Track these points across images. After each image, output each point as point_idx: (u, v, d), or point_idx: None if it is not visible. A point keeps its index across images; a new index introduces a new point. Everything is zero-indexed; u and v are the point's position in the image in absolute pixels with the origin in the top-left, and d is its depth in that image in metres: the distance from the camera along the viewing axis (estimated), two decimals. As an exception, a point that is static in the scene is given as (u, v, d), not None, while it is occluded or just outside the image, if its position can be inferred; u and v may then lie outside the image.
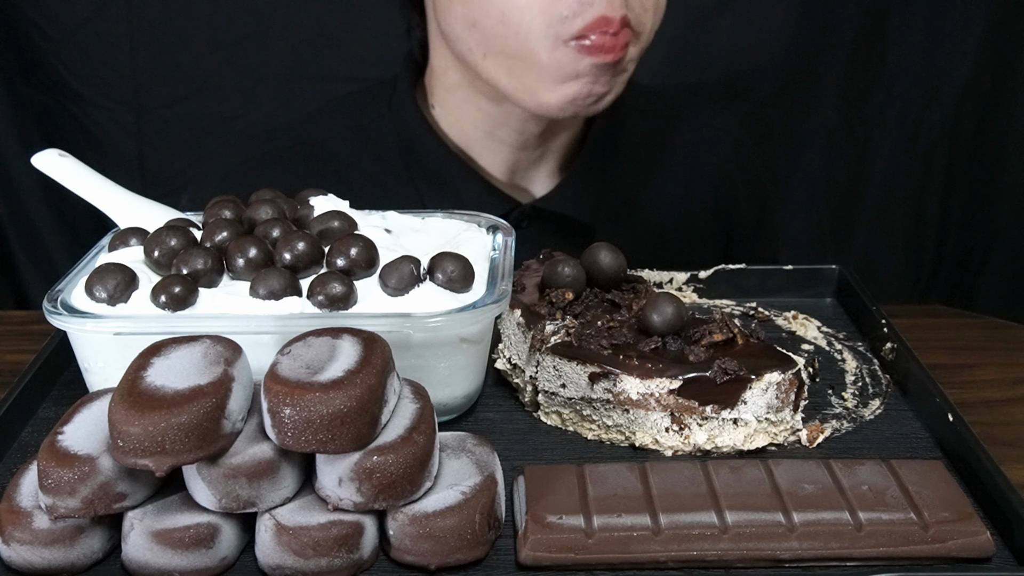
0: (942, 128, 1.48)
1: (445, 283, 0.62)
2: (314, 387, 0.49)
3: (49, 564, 0.52)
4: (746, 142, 1.11)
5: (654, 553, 0.52)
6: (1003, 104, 1.46)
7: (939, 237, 1.55)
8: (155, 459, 0.48)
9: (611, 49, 0.81)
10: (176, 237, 0.64)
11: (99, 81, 1.38)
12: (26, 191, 1.41)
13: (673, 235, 1.04)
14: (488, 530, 0.53)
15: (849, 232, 1.55)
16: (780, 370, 0.61)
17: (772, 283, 0.83)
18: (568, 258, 0.71)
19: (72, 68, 1.37)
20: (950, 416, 0.62)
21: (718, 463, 0.58)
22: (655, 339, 0.64)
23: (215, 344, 0.54)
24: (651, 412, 0.62)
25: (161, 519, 0.51)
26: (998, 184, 1.50)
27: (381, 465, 0.50)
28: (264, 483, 0.51)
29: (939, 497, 0.54)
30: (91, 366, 0.63)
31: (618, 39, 0.81)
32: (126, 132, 1.41)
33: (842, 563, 0.53)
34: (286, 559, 0.51)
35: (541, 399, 0.66)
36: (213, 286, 0.63)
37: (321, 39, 1.38)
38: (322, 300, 0.60)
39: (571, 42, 0.81)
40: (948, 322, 0.85)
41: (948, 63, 1.45)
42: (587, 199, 0.97)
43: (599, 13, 0.79)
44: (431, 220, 0.75)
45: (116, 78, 1.38)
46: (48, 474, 0.50)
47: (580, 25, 0.80)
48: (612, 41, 0.81)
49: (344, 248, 0.63)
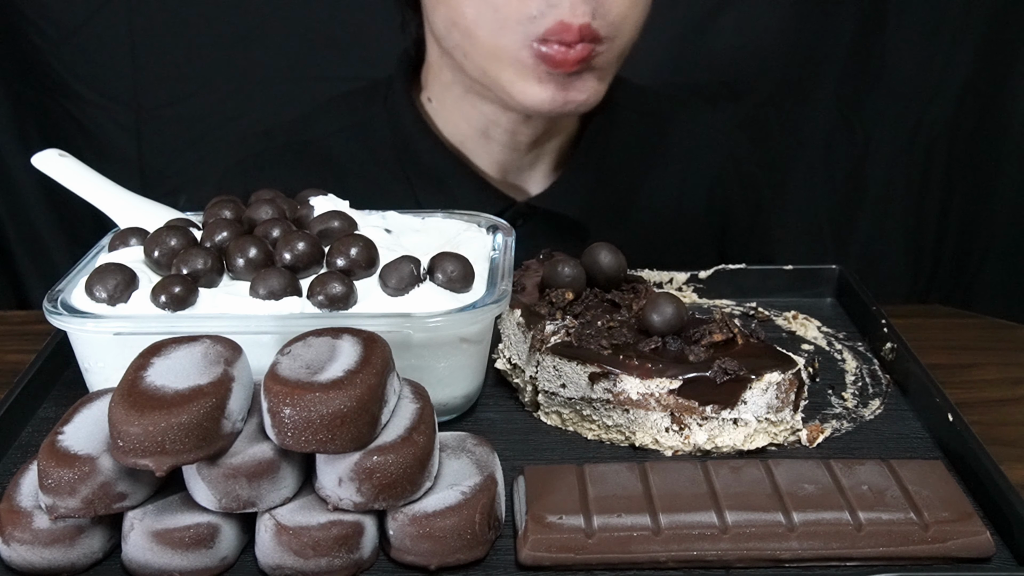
0: (942, 127, 1.48)
1: (445, 283, 0.62)
2: (314, 387, 0.49)
3: (49, 564, 0.52)
4: (741, 142, 1.12)
5: (654, 553, 0.52)
6: (1002, 103, 1.46)
7: (939, 237, 1.55)
8: (155, 459, 0.48)
9: (562, 63, 0.81)
10: (176, 237, 0.64)
11: (99, 81, 1.38)
12: (26, 191, 1.41)
13: (668, 234, 1.04)
14: (488, 530, 0.53)
15: (849, 232, 1.55)
16: (780, 370, 0.61)
17: (772, 283, 0.83)
18: (568, 258, 0.71)
19: (72, 68, 1.37)
20: (950, 416, 0.62)
21: (718, 463, 0.58)
22: (655, 339, 0.64)
23: (215, 344, 0.54)
24: (651, 412, 0.62)
25: (161, 519, 0.51)
26: (997, 184, 1.50)
27: (381, 465, 0.50)
28: (264, 483, 0.51)
29: (939, 497, 0.54)
30: (91, 366, 0.63)
31: (572, 52, 0.81)
32: (126, 132, 1.41)
33: (842, 563, 0.53)
34: (286, 559, 0.51)
35: (541, 399, 0.66)
36: (213, 286, 0.63)
37: (321, 39, 1.38)
38: (322, 300, 0.60)
39: (533, 44, 0.81)
40: (948, 322, 0.85)
41: (948, 63, 1.45)
42: (582, 198, 0.98)
43: (559, 17, 0.79)
44: (431, 220, 0.75)
45: (116, 78, 1.38)
46: (48, 474, 0.50)
47: (544, 27, 0.80)
48: (564, 54, 0.81)
49: (344, 248, 0.63)
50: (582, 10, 0.79)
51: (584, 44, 0.81)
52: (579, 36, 0.80)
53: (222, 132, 1.39)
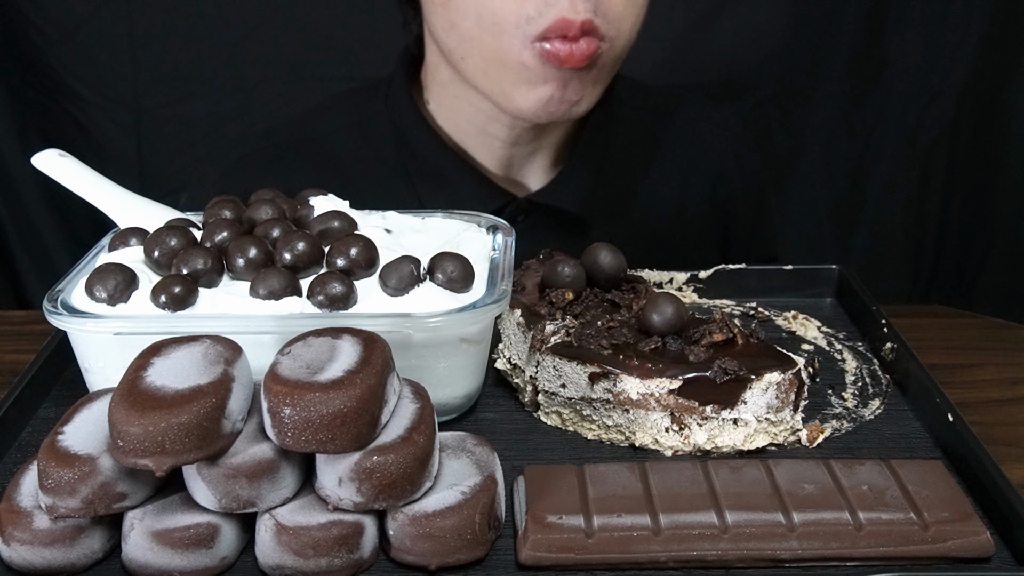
0: (942, 128, 1.48)
1: (445, 283, 0.62)
2: (314, 387, 0.49)
3: (49, 564, 0.52)
4: (743, 140, 1.11)
5: (654, 553, 0.52)
6: (1003, 104, 1.46)
7: (939, 237, 1.55)
8: (155, 459, 0.48)
9: (568, 59, 0.81)
10: (176, 237, 0.64)
11: (99, 81, 1.38)
12: (26, 191, 1.41)
13: (669, 232, 1.04)
14: (488, 530, 0.53)
15: (849, 232, 1.55)
16: (780, 370, 0.61)
17: (772, 283, 0.83)
18: (568, 258, 0.71)
19: (72, 68, 1.37)
20: (950, 416, 0.62)
21: (718, 463, 0.58)
22: (655, 339, 0.64)
23: (215, 344, 0.54)
24: (651, 412, 0.62)
25: (161, 519, 0.51)
26: (998, 184, 1.50)
27: (381, 465, 0.50)
28: (264, 483, 0.51)
29: (939, 497, 0.54)
30: (91, 366, 0.63)
31: (578, 48, 0.80)
32: (126, 132, 1.41)
33: (842, 563, 0.53)
34: (286, 559, 0.51)
35: (541, 399, 0.66)
36: (213, 286, 0.63)
37: (321, 39, 1.38)
38: (322, 300, 0.60)
39: (535, 44, 0.81)
40: (948, 322, 0.85)
41: (948, 63, 1.45)
42: (583, 193, 0.98)
43: (560, 15, 0.79)
44: (431, 220, 0.75)
45: (116, 78, 1.38)
46: (48, 474, 0.50)
47: (544, 25, 0.80)
48: (569, 50, 0.80)
49: (344, 248, 0.63)
50: (583, 7, 0.79)
51: (589, 39, 0.80)
52: (581, 31, 0.80)
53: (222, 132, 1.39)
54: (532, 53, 0.81)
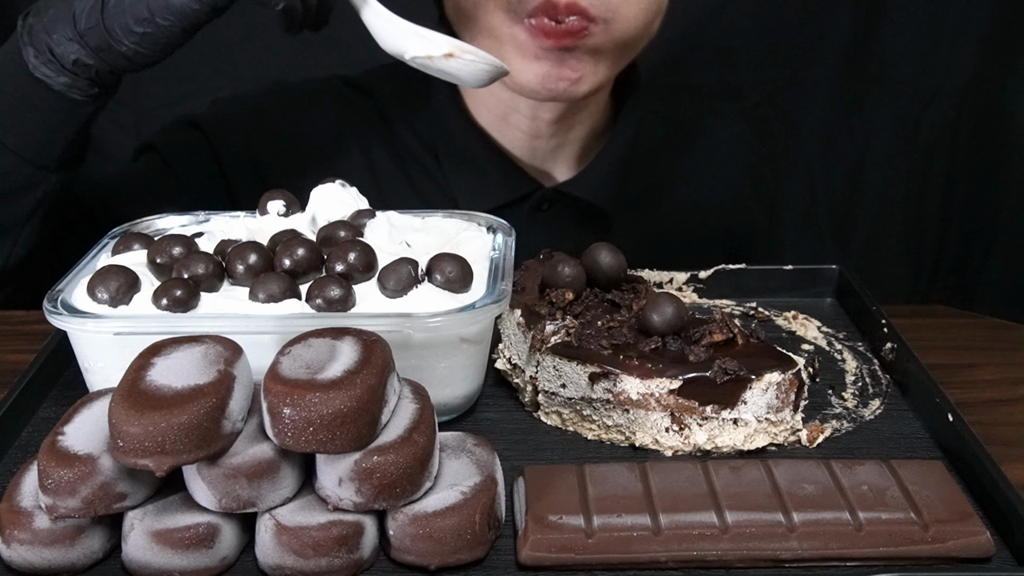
0: (942, 128, 1.48)
1: (443, 284, 0.62)
2: (314, 387, 0.49)
3: (49, 564, 0.52)
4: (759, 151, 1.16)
5: (654, 553, 0.52)
6: (1003, 104, 1.46)
7: (939, 237, 1.55)
8: (155, 459, 0.48)
9: (552, 34, 0.83)
10: (178, 244, 0.66)
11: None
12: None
13: (688, 231, 1.07)
14: (488, 530, 0.53)
15: (849, 232, 1.55)
16: (780, 370, 0.61)
17: (772, 283, 0.84)
18: (568, 258, 0.71)
19: (72, 68, 1.37)
20: (950, 416, 0.62)
21: (718, 463, 0.58)
22: (655, 339, 0.64)
23: (215, 344, 0.54)
24: (651, 412, 0.62)
25: (161, 519, 0.51)
26: (998, 184, 1.50)
27: (381, 465, 0.50)
28: (264, 483, 0.51)
29: (939, 497, 0.54)
30: (91, 366, 0.63)
31: (563, 25, 0.82)
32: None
33: (842, 563, 0.53)
34: (286, 559, 0.51)
35: (541, 399, 0.66)
36: (214, 291, 0.63)
37: (321, 39, 1.38)
38: (320, 304, 0.60)
39: (525, 20, 0.83)
40: (948, 322, 0.85)
41: (948, 63, 1.45)
42: (608, 188, 1.00)
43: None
44: (431, 220, 0.75)
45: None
46: (48, 474, 0.50)
47: (531, 4, 0.82)
48: (553, 27, 0.82)
49: (342, 253, 0.64)
50: None
51: (576, 18, 0.82)
52: (567, 12, 0.82)
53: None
54: (522, 29, 0.84)
